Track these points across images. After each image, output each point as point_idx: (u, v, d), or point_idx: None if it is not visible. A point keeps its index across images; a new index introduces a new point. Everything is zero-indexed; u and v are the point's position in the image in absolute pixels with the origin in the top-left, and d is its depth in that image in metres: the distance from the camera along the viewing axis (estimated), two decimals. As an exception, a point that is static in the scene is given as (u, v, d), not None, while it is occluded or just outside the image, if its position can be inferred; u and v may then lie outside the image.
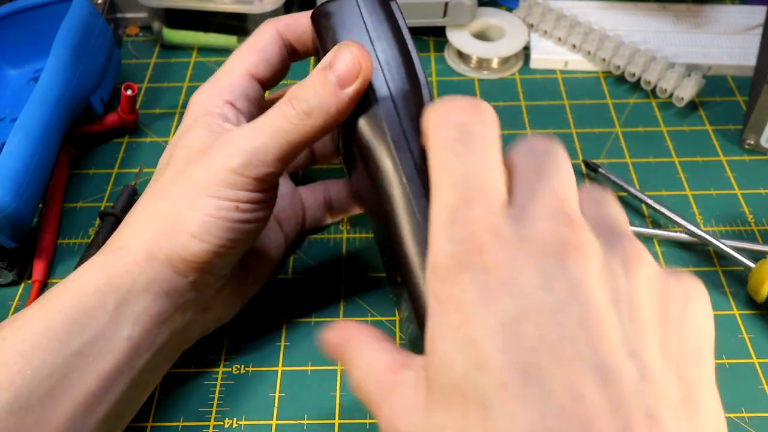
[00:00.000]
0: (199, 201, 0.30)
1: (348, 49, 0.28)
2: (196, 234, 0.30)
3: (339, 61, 0.28)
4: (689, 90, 0.49)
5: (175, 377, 0.36)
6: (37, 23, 0.48)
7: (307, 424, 0.34)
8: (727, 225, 0.43)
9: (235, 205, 0.30)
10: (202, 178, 0.30)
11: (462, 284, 0.20)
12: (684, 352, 0.21)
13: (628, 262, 0.21)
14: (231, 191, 0.30)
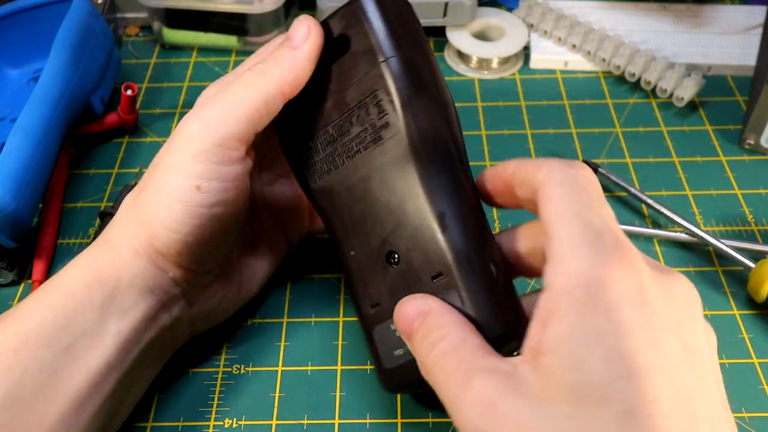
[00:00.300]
0: (164, 184, 0.30)
1: (302, 18, 0.31)
2: (165, 223, 0.30)
3: (293, 30, 0.31)
4: (689, 90, 0.49)
5: (175, 377, 0.36)
6: (37, 23, 0.48)
7: (307, 424, 0.34)
8: (727, 225, 0.43)
9: (196, 185, 0.30)
10: (165, 158, 0.31)
11: (617, 294, 0.23)
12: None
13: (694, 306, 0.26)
14: (192, 166, 0.30)
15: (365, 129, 0.30)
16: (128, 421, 0.33)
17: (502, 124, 0.50)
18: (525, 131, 0.49)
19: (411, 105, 0.28)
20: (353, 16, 0.30)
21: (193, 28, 0.56)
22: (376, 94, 0.29)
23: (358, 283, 0.30)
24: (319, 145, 0.31)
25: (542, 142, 0.48)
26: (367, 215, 0.30)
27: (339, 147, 0.30)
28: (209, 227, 0.31)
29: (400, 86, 0.28)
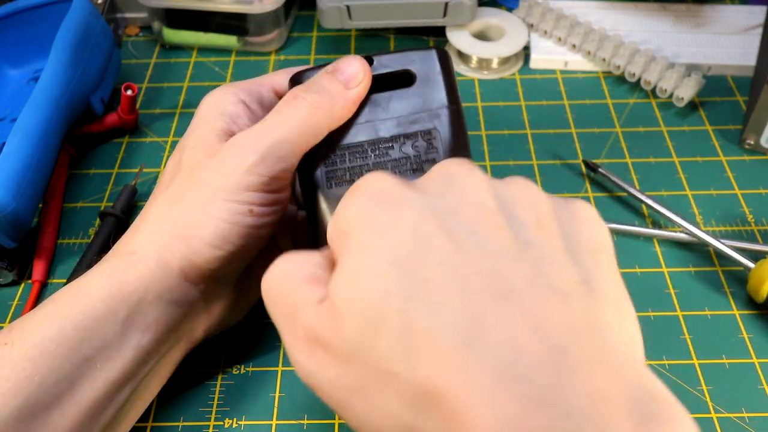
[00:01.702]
0: (213, 206, 0.30)
1: (354, 57, 0.31)
2: (209, 240, 0.30)
3: (346, 65, 0.31)
4: (689, 90, 0.49)
5: (175, 377, 0.36)
6: (37, 23, 0.48)
7: (307, 424, 0.34)
8: (727, 225, 0.43)
9: (249, 209, 0.30)
10: (215, 181, 0.30)
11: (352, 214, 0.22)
12: (579, 245, 0.22)
13: (513, 185, 0.23)
14: (245, 193, 0.30)
15: (407, 157, 0.31)
16: (128, 421, 0.33)
17: (502, 124, 0.50)
18: (525, 131, 0.49)
19: (458, 151, 0.32)
20: (429, 59, 0.33)
21: (193, 28, 0.56)
22: (430, 132, 0.32)
23: None
24: (347, 155, 0.32)
25: (542, 142, 0.48)
26: None
27: (371, 163, 0.31)
28: (253, 246, 0.31)
29: (455, 132, 0.32)
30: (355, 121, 0.32)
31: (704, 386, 0.35)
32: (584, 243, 0.22)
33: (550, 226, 0.22)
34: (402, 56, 0.33)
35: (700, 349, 0.37)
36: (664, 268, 0.40)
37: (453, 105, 0.32)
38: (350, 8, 0.52)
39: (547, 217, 0.22)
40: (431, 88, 0.32)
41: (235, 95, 0.33)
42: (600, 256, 0.22)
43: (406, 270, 0.19)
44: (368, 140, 0.32)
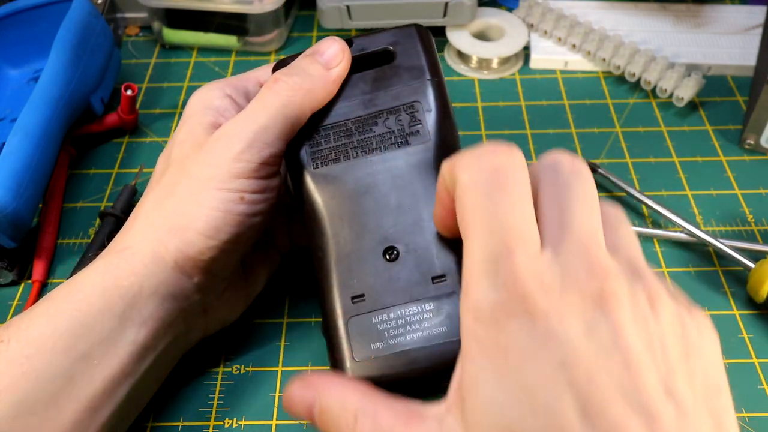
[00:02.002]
0: (204, 196, 0.30)
1: (332, 39, 0.31)
2: (202, 230, 0.30)
3: (325, 47, 0.31)
4: (689, 90, 0.49)
5: (175, 377, 0.36)
6: (37, 23, 0.48)
7: (307, 424, 0.34)
8: (727, 225, 0.43)
9: (240, 196, 0.30)
10: (205, 172, 0.30)
11: (510, 332, 0.21)
12: (708, 386, 0.22)
13: (653, 301, 0.22)
14: (235, 181, 0.30)
15: (391, 131, 0.31)
16: (128, 421, 0.33)
17: (502, 124, 0.50)
18: (525, 131, 0.49)
19: (443, 121, 0.32)
20: (407, 36, 0.33)
21: (193, 28, 0.56)
22: (413, 105, 0.32)
23: (340, 273, 0.30)
24: (331, 134, 0.32)
25: (542, 142, 0.48)
26: (370, 208, 0.30)
27: (355, 141, 0.31)
28: (246, 235, 0.31)
29: (438, 104, 0.32)
30: (337, 100, 0.32)
31: (704, 386, 0.35)
32: (712, 383, 0.22)
33: (688, 368, 0.22)
34: (381, 36, 0.33)
35: (700, 349, 0.37)
36: (664, 268, 0.40)
37: (434, 77, 0.32)
38: (350, 8, 0.52)
39: (682, 351, 0.22)
40: (411, 63, 0.32)
41: (220, 90, 0.33)
42: (723, 398, 0.22)
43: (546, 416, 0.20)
44: (352, 118, 0.32)
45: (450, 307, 0.28)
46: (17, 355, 0.28)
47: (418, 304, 0.29)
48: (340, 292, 0.30)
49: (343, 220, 0.30)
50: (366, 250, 0.30)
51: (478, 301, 0.22)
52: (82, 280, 0.30)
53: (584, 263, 0.22)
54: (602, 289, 0.21)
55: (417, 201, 0.30)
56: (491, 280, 0.22)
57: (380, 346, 0.28)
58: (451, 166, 0.24)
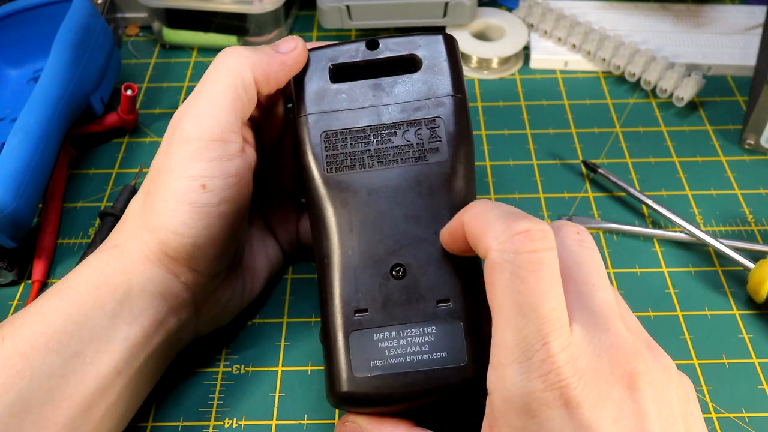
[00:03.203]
0: (168, 191, 0.30)
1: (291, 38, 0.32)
2: (172, 228, 0.30)
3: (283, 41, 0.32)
4: (689, 90, 0.49)
5: (175, 377, 0.36)
6: (37, 23, 0.48)
7: (307, 424, 0.34)
8: (727, 225, 0.43)
9: (201, 184, 0.30)
10: (165, 162, 0.31)
11: (544, 419, 0.22)
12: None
13: (666, 373, 0.25)
14: (192, 165, 0.30)
15: (409, 144, 0.31)
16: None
17: (502, 124, 0.50)
18: (525, 131, 0.49)
19: (462, 140, 0.31)
20: (434, 44, 0.32)
21: (193, 28, 0.56)
22: (434, 120, 0.31)
23: (345, 284, 0.30)
24: (348, 140, 0.31)
25: (542, 142, 0.48)
26: (381, 222, 0.30)
27: (372, 149, 0.31)
28: (218, 227, 0.31)
29: (460, 123, 0.31)
30: (358, 104, 0.31)
31: (704, 386, 0.35)
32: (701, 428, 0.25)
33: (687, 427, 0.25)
34: (408, 41, 0.33)
35: (700, 349, 0.37)
36: (664, 268, 0.40)
37: (458, 94, 0.32)
38: (350, 8, 0.52)
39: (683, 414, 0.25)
40: (437, 75, 0.32)
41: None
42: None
43: None
44: (371, 125, 0.31)
45: (452, 333, 0.28)
46: (12, 354, 0.28)
47: (421, 326, 0.28)
48: (344, 303, 0.29)
49: (352, 230, 0.30)
50: (373, 264, 0.29)
51: (512, 386, 0.23)
52: (74, 277, 0.30)
53: (612, 342, 0.24)
54: (629, 371, 0.23)
55: (428, 220, 0.30)
56: (525, 366, 0.23)
57: (379, 364, 0.28)
58: (480, 231, 0.25)
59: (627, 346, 0.24)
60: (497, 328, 0.24)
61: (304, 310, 0.39)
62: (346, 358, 0.29)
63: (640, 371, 0.23)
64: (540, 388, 0.22)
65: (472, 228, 0.25)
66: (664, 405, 0.24)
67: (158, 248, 0.31)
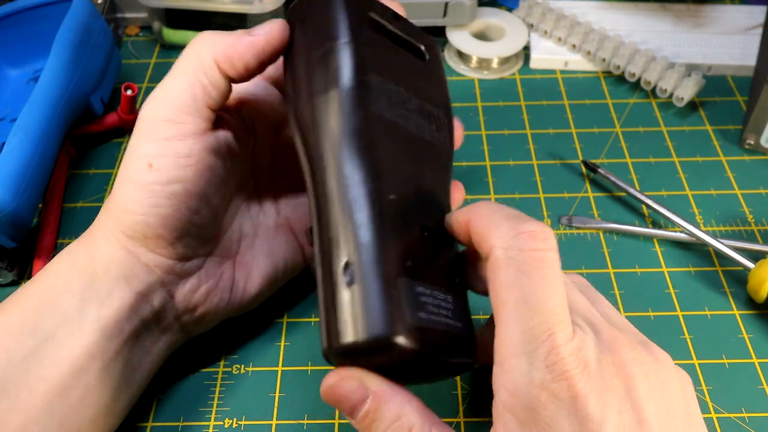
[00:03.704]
0: (121, 171, 0.31)
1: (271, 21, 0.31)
2: (122, 205, 0.31)
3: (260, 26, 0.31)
4: (689, 90, 0.49)
5: (175, 377, 0.36)
6: (37, 23, 0.48)
7: (307, 424, 0.34)
8: (727, 225, 0.43)
9: (147, 162, 0.30)
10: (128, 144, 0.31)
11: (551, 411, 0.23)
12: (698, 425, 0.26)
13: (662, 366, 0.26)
14: (142, 143, 0.30)
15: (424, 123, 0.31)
16: (128, 420, 0.33)
17: (502, 124, 0.50)
18: (525, 131, 0.49)
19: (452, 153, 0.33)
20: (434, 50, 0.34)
21: (193, 28, 0.56)
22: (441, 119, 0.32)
23: (389, 228, 0.26)
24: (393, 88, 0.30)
25: (542, 142, 0.48)
26: (413, 178, 0.29)
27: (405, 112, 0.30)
28: (168, 206, 0.30)
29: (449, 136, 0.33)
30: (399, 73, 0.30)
31: (704, 386, 0.35)
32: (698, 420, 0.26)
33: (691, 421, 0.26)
34: (419, 32, 0.33)
35: (700, 349, 0.37)
36: (664, 268, 0.40)
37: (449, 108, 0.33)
38: (350, 8, 0.52)
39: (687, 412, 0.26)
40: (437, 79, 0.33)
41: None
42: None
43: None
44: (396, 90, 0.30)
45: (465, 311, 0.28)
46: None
47: (446, 292, 0.27)
48: (395, 248, 0.26)
49: (397, 159, 0.28)
50: (411, 217, 0.28)
51: (519, 378, 0.23)
52: (49, 266, 0.32)
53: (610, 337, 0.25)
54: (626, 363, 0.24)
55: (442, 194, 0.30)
56: (532, 357, 0.23)
57: (423, 317, 0.25)
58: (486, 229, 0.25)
59: (624, 340, 0.25)
60: (501, 323, 0.24)
61: (304, 310, 0.39)
62: (390, 301, 0.25)
63: (637, 362, 0.24)
64: (548, 379, 0.23)
65: (478, 225, 0.26)
66: (664, 398, 0.24)
67: (116, 227, 0.31)
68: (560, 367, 0.23)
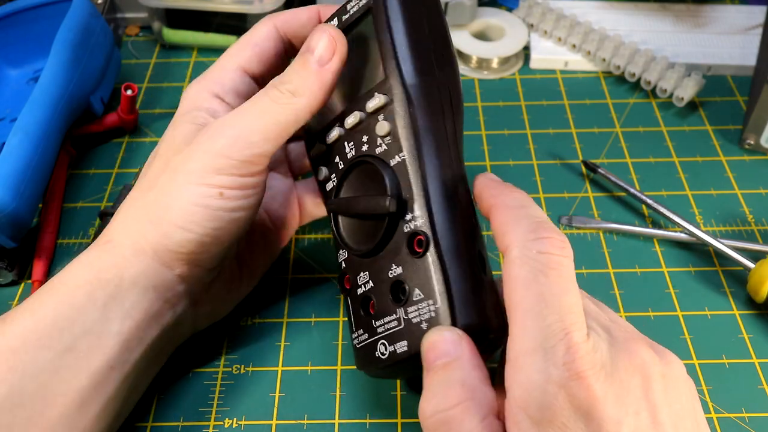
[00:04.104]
0: (183, 189, 0.30)
1: (323, 30, 0.30)
2: (179, 223, 0.30)
3: (315, 42, 0.30)
4: (689, 90, 0.49)
5: (175, 377, 0.36)
6: (37, 23, 0.48)
7: (307, 424, 0.34)
8: (727, 225, 0.43)
9: (219, 192, 0.30)
10: (186, 165, 0.30)
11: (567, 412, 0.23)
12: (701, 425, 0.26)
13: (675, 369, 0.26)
14: (215, 177, 0.30)
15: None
16: (128, 420, 0.33)
17: (502, 124, 0.50)
18: (525, 131, 0.49)
19: None
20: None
21: (193, 28, 0.56)
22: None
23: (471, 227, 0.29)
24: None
25: (542, 142, 0.48)
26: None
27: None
28: (227, 229, 0.31)
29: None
30: None
31: (704, 386, 0.35)
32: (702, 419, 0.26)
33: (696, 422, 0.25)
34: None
35: (700, 349, 0.37)
36: (664, 268, 0.40)
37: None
38: (350, 8, 0.52)
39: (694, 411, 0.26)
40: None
41: (208, 91, 0.33)
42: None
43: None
44: None
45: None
46: (3, 350, 0.28)
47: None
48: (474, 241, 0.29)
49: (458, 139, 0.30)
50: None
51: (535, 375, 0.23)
52: (65, 274, 0.31)
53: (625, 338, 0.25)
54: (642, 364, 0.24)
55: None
56: (548, 355, 0.23)
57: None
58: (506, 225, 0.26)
59: (639, 341, 0.25)
60: (516, 320, 0.24)
61: (304, 310, 0.39)
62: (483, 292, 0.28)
63: (653, 363, 0.25)
64: (565, 377, 0.23)
65: (499, 218, 0.27)
66: (676, 399, 0.25)
67: (157, 239, 0.30)
68: (578, 366, 0.23)
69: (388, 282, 0.29)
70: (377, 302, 0.30)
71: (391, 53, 0.29)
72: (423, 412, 0.25)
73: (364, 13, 0.31)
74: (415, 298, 0.28)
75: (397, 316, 0.28)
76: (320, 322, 0.38)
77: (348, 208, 0.31)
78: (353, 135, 0.31)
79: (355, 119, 0.31)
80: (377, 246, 0.29)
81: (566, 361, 0.23)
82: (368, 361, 0.30)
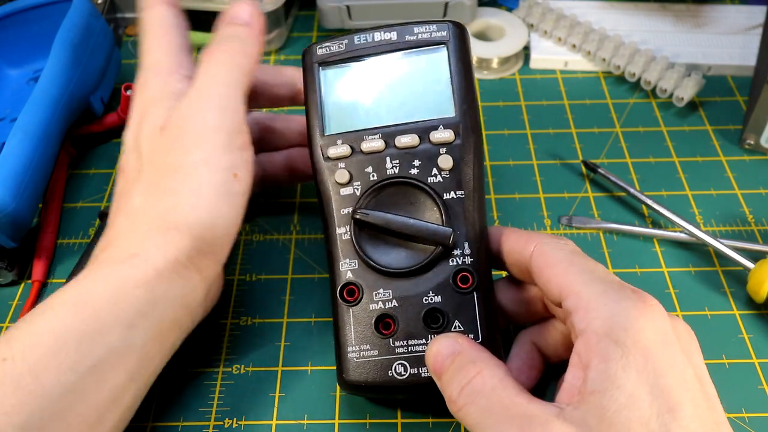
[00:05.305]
0: (201, 185, 0.29)
1: (239, 4, 0.34)
2: (206, 221, 0.29)
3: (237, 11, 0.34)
4: (689, 90, 0.49)
5: (175, 377, 0.36)
6: (37, 23, 0.48)
7: (307, 424, 0.34)
8: (727, 225, 0.43)
9: (234, 174, 0.30)
10: (191, 157, 0.29)
11: (647, 331, 0.25)
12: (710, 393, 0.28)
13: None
14: (225, 156, 0.30)
15: None
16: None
17: (502, 124, 0.50)
18: (525, 131, 0.49)
19: None
20: None
21: (193, 28, 0.55)
22: None
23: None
24: None
25: (542, 142, 0.48)
26: None
27: None
28: (241, 215, 0.31)
29: None
30: None
31: (704, 386, 0.35)
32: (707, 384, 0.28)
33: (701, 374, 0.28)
34: None
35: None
36: (664, 268, 0.40)
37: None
38: (350, 8, 0.52)
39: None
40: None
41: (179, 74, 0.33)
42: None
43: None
44: None
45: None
46: (24, 374, 0.26)
47: None
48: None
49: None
50: None
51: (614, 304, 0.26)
52: (88, 291, 0.29)
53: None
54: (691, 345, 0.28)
55: None
56: (616, 294, 0.26)
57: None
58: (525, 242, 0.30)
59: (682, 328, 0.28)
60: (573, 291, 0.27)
61: (304, 310, 0.39)
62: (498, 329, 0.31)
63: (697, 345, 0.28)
64: (637, 298, 0.26)
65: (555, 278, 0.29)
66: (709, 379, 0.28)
67: (190, 246, 0.29)
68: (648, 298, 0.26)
69: (422, 307, 0.30)
70: (402, 323, 0.30)
71: (465, 96, 0.32)
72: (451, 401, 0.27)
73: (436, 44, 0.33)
74: (454, 328, 0.30)
75: (427, 341, 0.30)
76: (320, 322, 0.38)
77: (389, 225, 0.31)
78: (402, 154, 0.32)
79: (412, 141, 0.32)
80: (416, 270, 0.31)
81: (635, 292, 0.26)
82: (370, 376, 0.30)
